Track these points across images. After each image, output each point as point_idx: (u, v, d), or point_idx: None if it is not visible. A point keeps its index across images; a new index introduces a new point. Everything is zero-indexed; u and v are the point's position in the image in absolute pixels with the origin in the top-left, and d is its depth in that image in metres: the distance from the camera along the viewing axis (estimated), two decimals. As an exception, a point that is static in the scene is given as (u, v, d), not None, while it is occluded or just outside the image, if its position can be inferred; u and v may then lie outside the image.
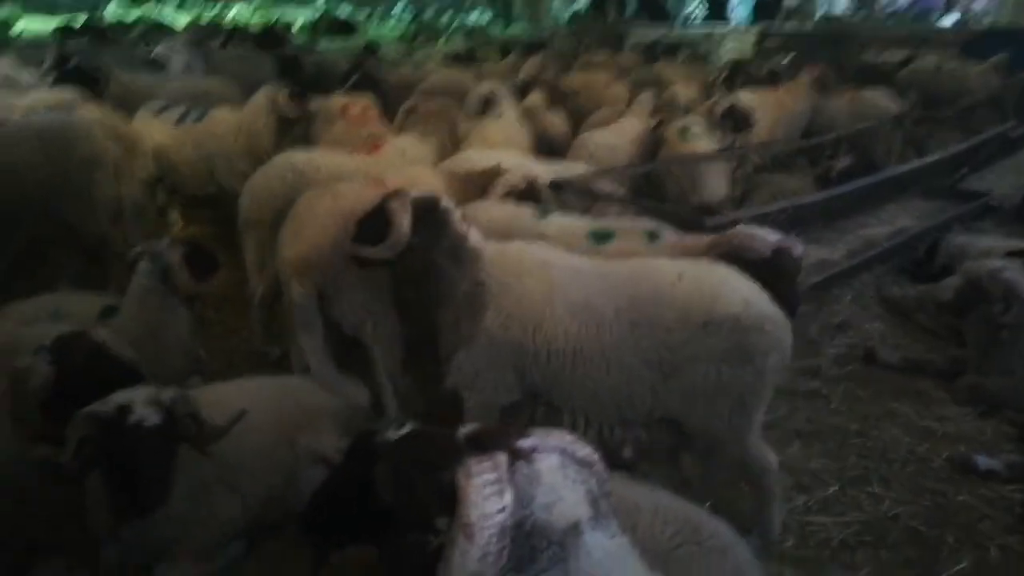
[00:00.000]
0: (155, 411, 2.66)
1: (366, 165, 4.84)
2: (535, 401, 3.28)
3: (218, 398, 3.18)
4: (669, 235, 3.83)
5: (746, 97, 7.74)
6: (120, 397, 2.68)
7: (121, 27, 13.53)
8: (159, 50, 9.06)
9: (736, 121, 7.07)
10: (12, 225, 5.14)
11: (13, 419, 2.92)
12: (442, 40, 14.68)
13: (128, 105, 6.52)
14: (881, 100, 8.54)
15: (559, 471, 1.45)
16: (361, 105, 6.32)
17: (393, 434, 2.31)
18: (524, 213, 4.06)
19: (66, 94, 6.40)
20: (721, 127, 7.03)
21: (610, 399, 3.11)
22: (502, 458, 1.39)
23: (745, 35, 15.21)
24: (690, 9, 17.24)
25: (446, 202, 3.26)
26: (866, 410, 4.44)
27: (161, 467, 2.68)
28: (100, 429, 2.61)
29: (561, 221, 4.01)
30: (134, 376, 3.04)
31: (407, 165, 4.98)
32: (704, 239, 3.70)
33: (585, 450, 1.54)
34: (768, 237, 3.49)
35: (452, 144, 5.64)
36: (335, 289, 3.74)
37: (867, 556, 3.36)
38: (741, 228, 3.59)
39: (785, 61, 10.78)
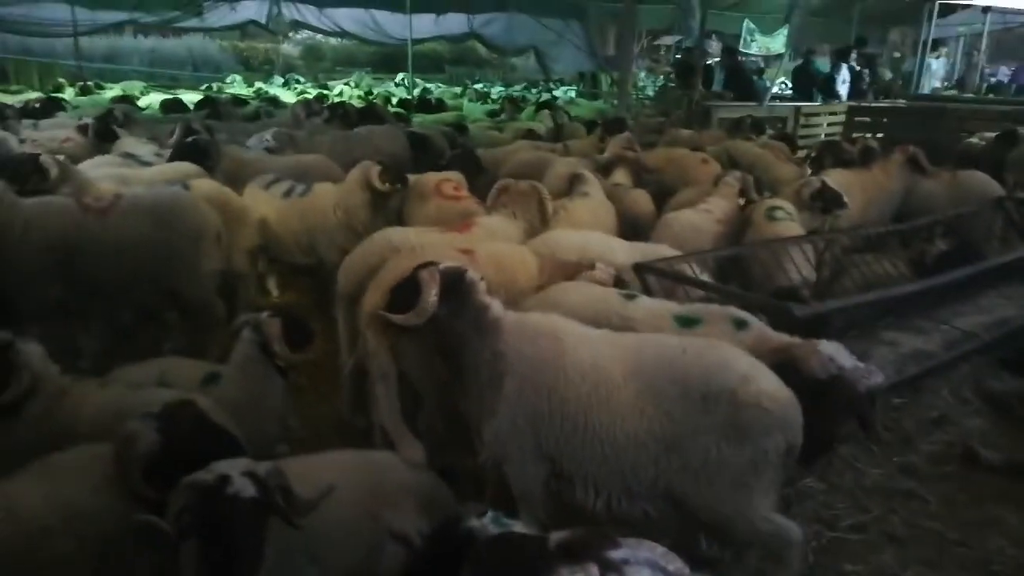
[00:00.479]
0: (251, 483, 2.78)
1: (458, 242, 4.99)
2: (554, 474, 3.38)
3: (306, 470, 3.27)
4: (756, 324, 3.80)
5: (836, 177, 7.64)
6: (220, 467, 2.81)
7: (240, 101, 14.49)
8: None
9: (826, 202, 6.97)
10: (123, 293, 5.53)
11: (119, 482, 3.11)
12: (526, 114, 15.08)
13: (239, 178, 6.97)
14: (981, 182, 8.26)
15: None
16: (454, 183, 6.57)
17: (478, 524, 2.37)
18: (611, 295, 4.12)
19: (185, 167, 6.91)
20: (810, 208, 6.95)
21: (616, 466, 3.18)
22: (593, 569, 1.40)
23: (835, 113, 15.07)
24: (776, 88, 17.20)
25: (472, 274, 3.50)
26: (967, 515, 4.18)
27: (255, 538, 2.78)
28: (200, 498, 2.75)
29: (648, 304, 4.05)
30: (233, 446, 3.19)
31: (503, 239, 5.18)
32: (776, 340, 3.66)
33: (676, 563, 1.54)
34: (836, 361, 3.40)
35: (542, 223, 5.76)
36: (403, 342, 3.96)
37: (969, 677, 3.14)
38: (814, 344, 3.50)
39: (876, 139, 10.62)
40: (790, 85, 19.48)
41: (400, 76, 24.62)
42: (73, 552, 2.97)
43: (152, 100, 15.26)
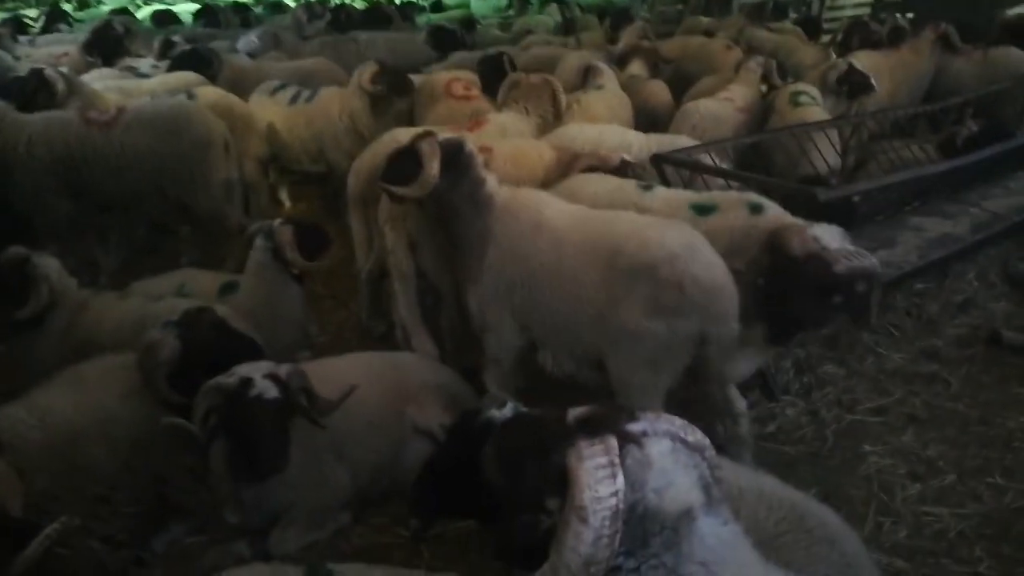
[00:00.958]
0: (273, 384, 2.82)
1: (471, 140, 4.87)
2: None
3: (329, 372, 3.32)
4: (773, 208, 3.71)
5: (864, 59, 7.28)
6: (242, 370, 2.85)
7: (241, 6, 14.00)
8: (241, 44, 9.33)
9: (853, 86, 6.67)
10: (134, 207, 5.52)
11: (145, 388, 3.17)
12: (536, 9, 14.48)
13: (241, 87, 6.80)
14: (1016, 58, 7.84)
15: (670, 455, 1.45)
16: (464, 81, 6.38)
17: (497, 413, 2.38)
18: (628, 186, 4.03)
19: (187, 77, 6.75)
20: (837, 92, 6.67)
21: (563, 330, 3.35)
22: (613, 441, 1.40)
23: (862, -9, 14.30)
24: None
25: (470, 146, 3.59)
26: (989, 396, 4.16)
27: (279, 436, 2.84)
28: (225, 400, 2.80)
29: (665, 194, 3.98)
30: (253, 350, 3.23)
31: (514, 135, 5.07)
32: (789, 223, 3.57)
33: (696, 435, 1.53)
34: (820, 241, 3.28)
35: (555, 118, 5.60)
36: (421, 236, 4.07)
37: (987, 550, 3.16)
38: (798, 224, 3.42)
39: (906, 18, 10.07)
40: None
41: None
42: (105, 455, 3.07)
43: (148, 13, 14.79)
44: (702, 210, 3.73)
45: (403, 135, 4.84)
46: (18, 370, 3.76)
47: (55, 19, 11.08)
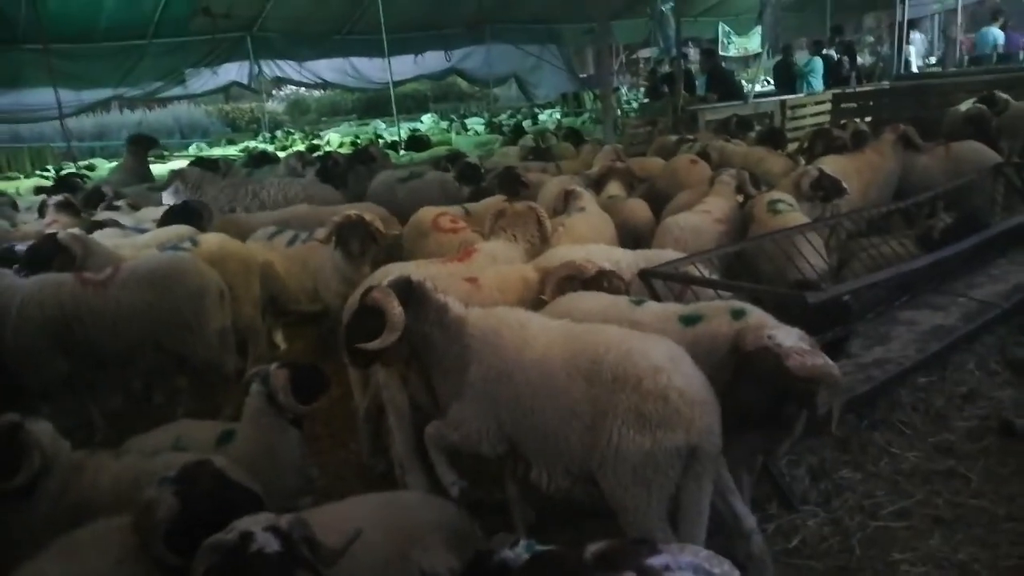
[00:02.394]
0: (274, 537, 2.70)
1: (459, 271, 4.98)
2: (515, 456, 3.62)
3: (331, 519, 3.20)
4: (755, 313, 3.73)
5: (832, 163, 7.59)
6: (241, 525, 2.74)
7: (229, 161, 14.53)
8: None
9: (826, 190, 6.90)
10: (130, 361, 5.50)
11: (142, 551, 3.03)
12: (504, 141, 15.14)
13: (233, 236, 6.96)
14: (976, 151, 8.20)
15: None
16: (451, 216, 6.62)
17: (511, 553, 2.29)
18: (620, 302, 4.07)
19: (179, 230, 6.91)
20: (811, 198, 6.88)
21: (553, 446, 3.36)
22: None
23: (820, 102, 15.08)
24: (758, 87, 17.23)
25: (416, 278, 3.77)
26: (1011, 489, 4.06)
27: (283, 594, 2.69)
28: (224, 558, 2.67)
29: (655, 308, 4.02)
30: (253, 501, 3.12)
31: (504, 262, 5.20)
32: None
33: (723, 566, 1.46)
34: (774, 339, 3.25)
35: (542, 242, 5.76)
36: (411, 369, 4.06)
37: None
38: (762, 325, 3.43)
39: (864, 122, 10.58)
40: (771, 82, 19.53)
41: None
42: (100, 629, 2.89)
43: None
44: (689, 320, 3.76)
45: (396, 270, 4.96)
46: (7, 542, 3.60)
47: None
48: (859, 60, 20.87)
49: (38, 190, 11.74)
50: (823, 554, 3.71)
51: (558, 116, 23.44)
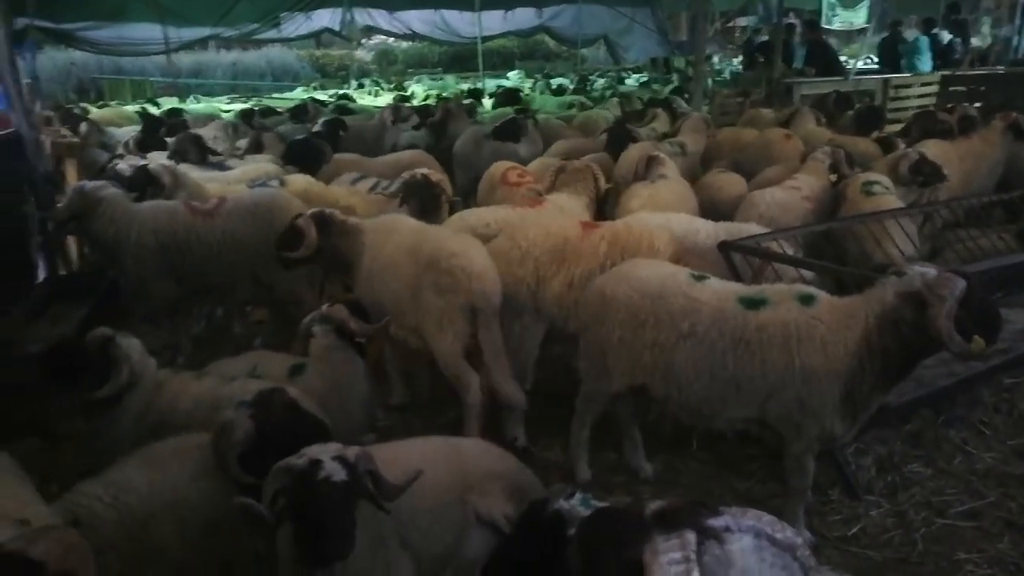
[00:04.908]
0: (342, 467, 2.81)
1: (534, 216, 5.33)
2: None
3: (393, 456, 3.29)
4: (824, 297, 3.62)
5: (934, 148, 7.22)
6: (311, 452, 2.85)
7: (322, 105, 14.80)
8: None
9: (925, 175, 6.58)
10: (227, 289, 5.85)
11: (218, 469, 3.20)
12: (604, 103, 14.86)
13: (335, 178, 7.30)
14: (1094, 146, 7.65)
15: (753, 553, 1.37)
16: (518, 170, 6.91)
17: (566, 505, 2.31)
18: (681, 275, 3.97)
19: (266, 167, 7.13)
20: (908, 182, 6.57)
21: (398, 308, 4.64)
22: (691, 536, 1.34)
23: (927, 84, 14.27)
24: (860, 64, 16.33)
25: (328, 212, 5.05)
26: (1093, 499, 3.87)
27: (345, 520, 2.80)
28: (293, 482, 2.79)
29: (715, 285, 3.89)
30: (323, 432, 3.24)
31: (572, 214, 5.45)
32: (849, 302, 3.51)
33: (786, 532, 1.44)
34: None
35: (595, 199, 6.17)
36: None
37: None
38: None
39: (973, 108, 9.98)
40: (876, 60, 18.54)
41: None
42: (176, 538, 3.08)
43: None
44: (751, 304, 3.64)
45: (472, 217, 5.41)
46: (101, 447, 3.85)
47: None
48: (973, 41, 19.60)
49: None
50: (882, 545, 3.63)
51: (645, 80, 22.87)
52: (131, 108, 15.59)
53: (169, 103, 16.50)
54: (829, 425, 3.51)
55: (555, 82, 22.35)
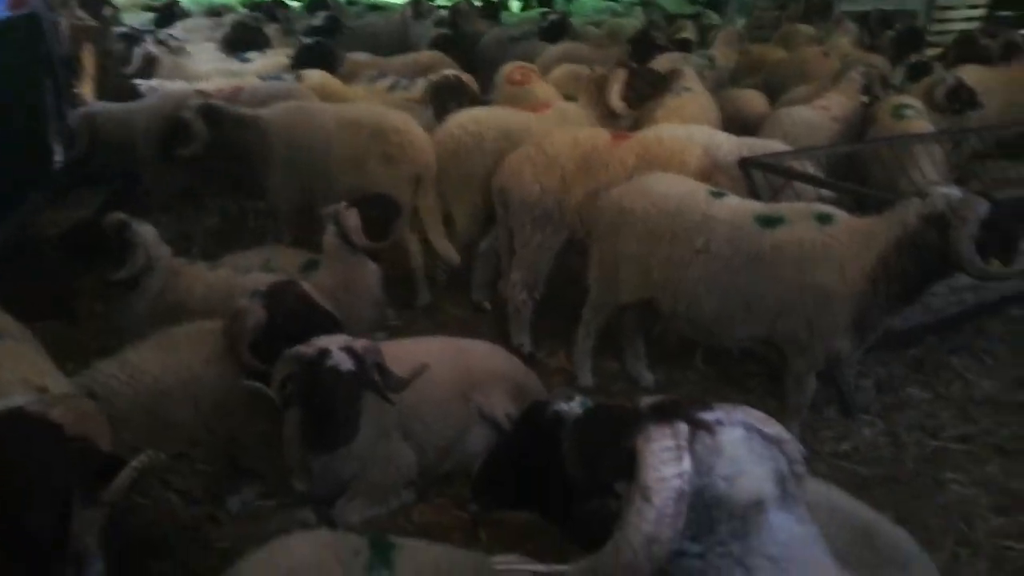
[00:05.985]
0: (349, 357, 2.89)
1: (531, 121, 5.23)
2: None
3: (401, 352, 3.38)
4: (842, 216, 3.58)
5: (973, 74, 6.95)
6: (321, 341, 2.94)
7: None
8: None
9: (962, 101, 6.36)
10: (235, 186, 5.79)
11: (229, 354, 3.30)
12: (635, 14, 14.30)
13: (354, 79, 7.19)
14: None
15: (742, 444, 1.43)
16: (523, 69, 6.75)
17: (566, 407, 2.37)
18: (700, 191, 3.92)
19: (283, 60, 7.01)
20: (943, 108, 6.36)
21: (341, 182, 5.05)
22: (682, 426, 1.40)
23: (974, 6, 13.59)
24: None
25: (215, 102, 5.10)
26: (1085, 429, 3.93)
27: (350, 408, 2.91)
28: (302, 368, 2.89)
29: (733, 202, 3.83)
30: (333, 324, 3.31)
31: (573, 123, 5.29)
32: (867, 224, 3.48)
33: (775, 427, 1.49)
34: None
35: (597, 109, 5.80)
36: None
37: (1075, 591, 3.00)
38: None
39: (1020, 34, 9.54)
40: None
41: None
42: (187, 414, 3.21)
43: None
44: (768, 222, 3.61)
45: (465, 115, 5.36)
46: (117, 329, 3.97)
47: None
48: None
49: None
50: (872, 462, 3.72)
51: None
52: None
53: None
54: (835, 345, 3.54)
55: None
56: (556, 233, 4.59)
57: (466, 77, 6.44)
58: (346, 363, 2.87)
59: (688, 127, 5.03)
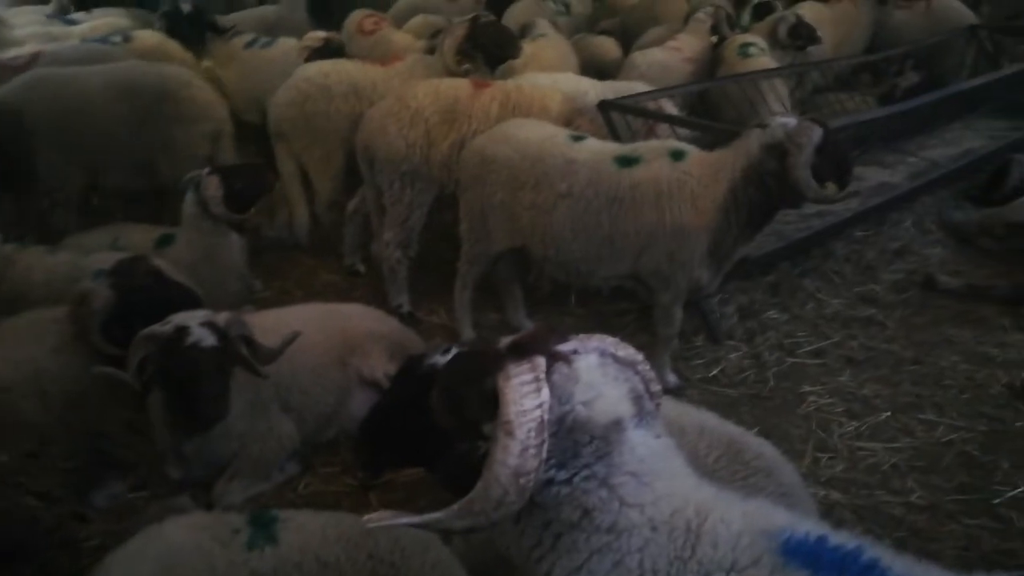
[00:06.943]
0: (211, 332, 2.75)
1: (380, 75, 5.11)
2: None
3: (271, 323, 3.26)
4: (694, 152, 3.74)
5: (810, 10, 7.33)
6: (178, 319, 2.78)
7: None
8: None
9: (803, 37, 6.71)
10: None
11: (78, 341, 3.07)
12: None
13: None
14: (956, 10, 7.96)
15: (598, 369, 1.48)
16: (374, 17, 6.62)
17: (441, 359, 2.36)
18: (559, 136, 3.98)
19: (118, 21, 6.46)
20: (785, 44, 6.69)
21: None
22: (540, 360, 1.43)
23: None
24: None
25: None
26: (923, 337, 4.32)
27: (217, 385, 2.78)
28: (159, 349, 2.72)
29: (593, 145, 3.93)
30: (191, 300, 3.14)
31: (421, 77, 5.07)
32: (715, 157, 3.64)
33: (627, 350, 1.55)
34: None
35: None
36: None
37: (918, 481, 3.30)
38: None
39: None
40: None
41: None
42: (35, 410, 2.97)
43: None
44: (625, 162, 3.72)
45: (310, 69, 5.23)
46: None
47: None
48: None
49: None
50: (739, 383, 3.96)
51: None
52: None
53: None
54: (696, 276, 3.71)
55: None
56: (426, 189, 4.50)
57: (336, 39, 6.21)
58: (208, 339, 2.73)
59: (553, 75, 5.06)
